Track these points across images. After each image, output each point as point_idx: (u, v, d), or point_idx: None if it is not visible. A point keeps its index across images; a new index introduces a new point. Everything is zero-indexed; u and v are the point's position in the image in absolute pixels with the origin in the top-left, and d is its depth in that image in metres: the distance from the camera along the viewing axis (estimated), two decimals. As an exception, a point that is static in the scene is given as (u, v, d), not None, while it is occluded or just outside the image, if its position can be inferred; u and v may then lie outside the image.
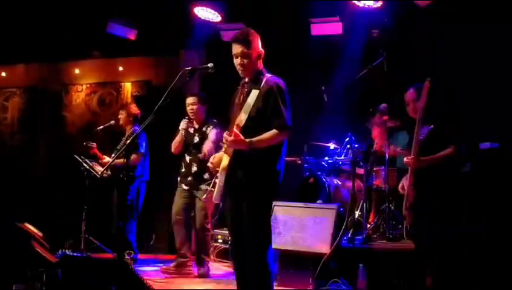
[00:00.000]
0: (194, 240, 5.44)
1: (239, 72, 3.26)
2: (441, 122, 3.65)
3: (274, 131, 3.09)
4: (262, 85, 3.19)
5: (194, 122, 5.31)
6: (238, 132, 3.07)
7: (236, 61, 3.22)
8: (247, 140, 3.04)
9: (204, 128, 5.27)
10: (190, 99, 5.27)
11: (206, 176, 5.11)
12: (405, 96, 3.83)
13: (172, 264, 5.28)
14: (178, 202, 5.29)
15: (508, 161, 4.41)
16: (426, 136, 3.62)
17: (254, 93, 3.18)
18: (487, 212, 4.27)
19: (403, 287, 4.40)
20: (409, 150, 3.70)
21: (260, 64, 3.30)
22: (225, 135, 3.14)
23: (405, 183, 3.73)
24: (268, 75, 3.27)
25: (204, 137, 5.21)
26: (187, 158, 5.28)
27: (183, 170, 5.30)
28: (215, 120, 5.31)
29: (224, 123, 3.25)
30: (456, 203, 3.59)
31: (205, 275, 5.18)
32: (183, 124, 5.23)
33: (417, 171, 3.56)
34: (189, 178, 5.24)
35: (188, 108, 5.27)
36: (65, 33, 7.39)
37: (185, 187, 5.26)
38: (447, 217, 3.53)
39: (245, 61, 3.18)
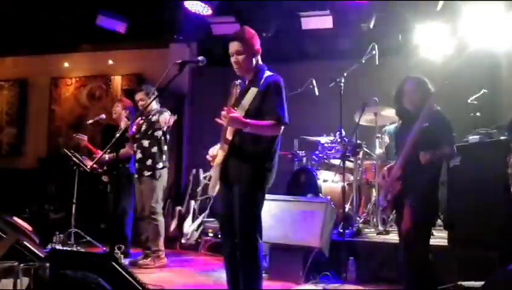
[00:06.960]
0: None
1: (236, 70, 3.27)
2: (437, 121, 3.43)
3: (271, 121, 3.10)
4: (261, 83, 3.20)
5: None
6: (236, 111, 3.06)
7: (232, 59, 3.24)
8: (245, 120, 3.04)
9: (150, 117, 5.28)
10: (139, 95, 5.31)
11: (149, 162, 5.17)
12: (405, 87, 3.73)
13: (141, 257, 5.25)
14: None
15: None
16: (418, 133, 3.42)
17: (252, 91, 3.19)
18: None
19: (393, 279, 4.44)
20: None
21: (258, 63, 3.30)
22: (223, 112, 3.08)
23: (386, 173, 3.69)
24: (268, 73, 3.28)
25: (150, 124, 5.24)
26: (134, 146, 5.36)
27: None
28: (163, 108, 5.33)
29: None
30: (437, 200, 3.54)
31: (136, 265, 5.10)
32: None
33: (407, 166, 3.49)
34: (136, 165, 5.33)
35: (138, 104, 5.34)
36: (54, 25, 7.34)
37: (135, 175, 5.37)
38: (431, 212, 3.49)
39: (240, 58, 3.19)
